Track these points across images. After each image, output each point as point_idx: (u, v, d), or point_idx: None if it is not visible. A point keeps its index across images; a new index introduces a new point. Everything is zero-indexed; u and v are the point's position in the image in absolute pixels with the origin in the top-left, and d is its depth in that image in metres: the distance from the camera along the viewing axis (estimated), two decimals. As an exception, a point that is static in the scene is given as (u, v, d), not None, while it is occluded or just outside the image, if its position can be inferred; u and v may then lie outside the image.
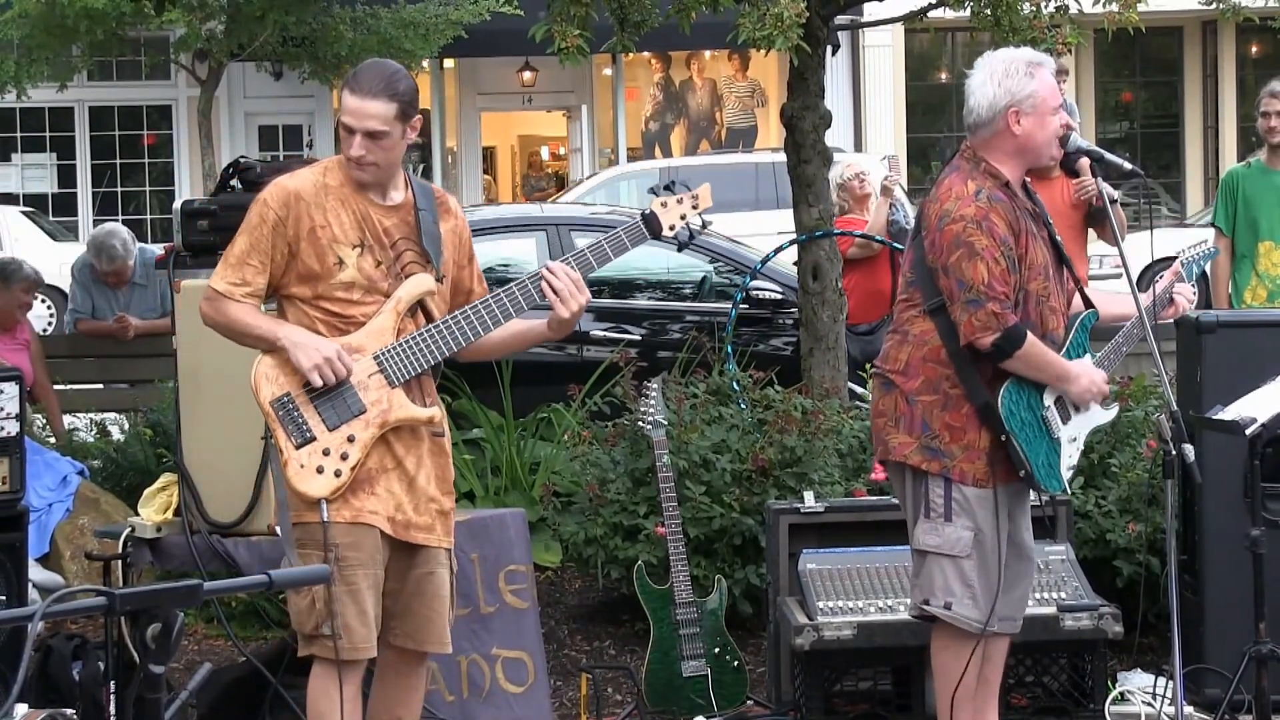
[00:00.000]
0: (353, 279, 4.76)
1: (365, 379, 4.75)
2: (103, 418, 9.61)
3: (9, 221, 20.91)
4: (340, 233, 4.76)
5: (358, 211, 4.78)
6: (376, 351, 4.76)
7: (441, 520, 4.87)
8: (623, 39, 8.53)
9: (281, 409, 4.76)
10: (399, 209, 4.82)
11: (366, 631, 4.78)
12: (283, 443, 4.76)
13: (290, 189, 4.79)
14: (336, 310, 4.78)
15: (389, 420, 4.76)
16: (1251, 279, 8.12)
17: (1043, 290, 5.07)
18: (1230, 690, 5.63)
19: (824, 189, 8.55)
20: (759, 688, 6.63)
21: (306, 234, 4.76)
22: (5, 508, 5.89)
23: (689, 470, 7.04)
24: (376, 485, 4.78)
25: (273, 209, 4.77)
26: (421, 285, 4.80)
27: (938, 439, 5.05)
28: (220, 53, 17.04)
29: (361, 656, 4.81)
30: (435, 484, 4.85)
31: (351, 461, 4.74)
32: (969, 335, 4.97)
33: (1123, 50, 24.34)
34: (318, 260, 4.75)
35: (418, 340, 4.77)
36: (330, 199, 4.78)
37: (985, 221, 4.97)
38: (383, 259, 4.78)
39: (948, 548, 5.07)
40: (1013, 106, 5.04)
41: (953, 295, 4.99)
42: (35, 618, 2.78)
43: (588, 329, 9.89)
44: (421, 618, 4.85)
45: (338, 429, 4.75)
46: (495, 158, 27.43)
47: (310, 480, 4.74)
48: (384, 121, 4.71)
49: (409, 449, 4.80)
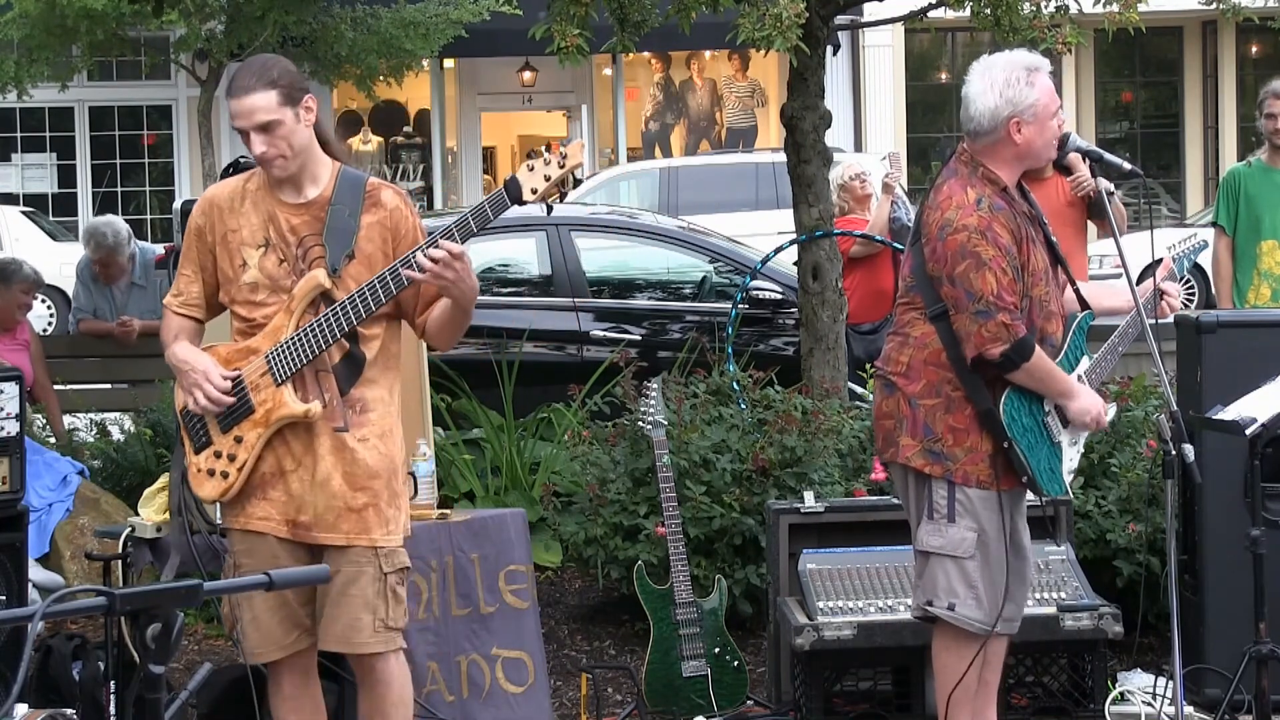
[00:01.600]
0: (255, 279, 4.79)
1: (257, 379, 4.77)
2: (103, 418, 9.61)
3: (9, 221, 20.91)
4: (249, 235, 4.81)
5: (266, 212, 4.81)
6: (267, 351, 4.78)
7: (351, 517, 4.77)
8: (623, 39, 8.53)
9: (187, 417, 4.88)
10: (310, 205, 4.81)
11: (260, 637, 4.82)
12: (187, 449, 4.89)
13: (208, 197, 4.91)
14: (245, 314, 4.83)
15: (272, 419, 4.75)
16: (1254, 278, 8.11)
17: (1044, 295, 5.07)
18: (1230, 690, 5.63)
19: (824, 189, 8.55)
20: (759, 688, 6.63)
21: (221, 239, 4.84)
22: (5, 508, 5.89)
23: (689, 470, 7.04)
24: (271, 489, 4.79)
25: (195, 218, 4.89)
26: (311, 281, 4.76)
27: (940, 442, 5.04)
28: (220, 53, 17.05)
29: (261, 660, 4.85)
30: (340, 481, 4.76)
31: (238, 462, 4.77)
32: (979, 346, 4.95)
33: (1123, 50, 24.35)
34: (229, 264, 4.83)
35: (300, 337, 4.75)
36: (245, 203, 4.84)
37: (989, 231, 4.95)
38: (286, 256, 4.79)
39: (951, 549, 5.07)
40: (1014, 117, 5.02)
41: (960, 305, 4.97)
42: (35, 618, 2.78)
43: (588, 329, 9.89)
44: (329, 617, 4.81)
45: (229, 431, 4.80)
46: (495, 158, 27.42)
47: (203, 484, 4.85)
48: (269, 111, 4.70)
49: (307, 448, 4.77)
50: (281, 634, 4.84)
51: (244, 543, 4.83)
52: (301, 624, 4.86)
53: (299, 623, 4.86)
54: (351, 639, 4.80)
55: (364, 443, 4.80)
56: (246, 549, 4.81)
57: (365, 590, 4.78)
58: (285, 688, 4.91)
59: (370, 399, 4.83)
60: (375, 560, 4.80)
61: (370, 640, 4.81)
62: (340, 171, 4.86)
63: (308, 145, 4.79)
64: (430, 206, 23.25)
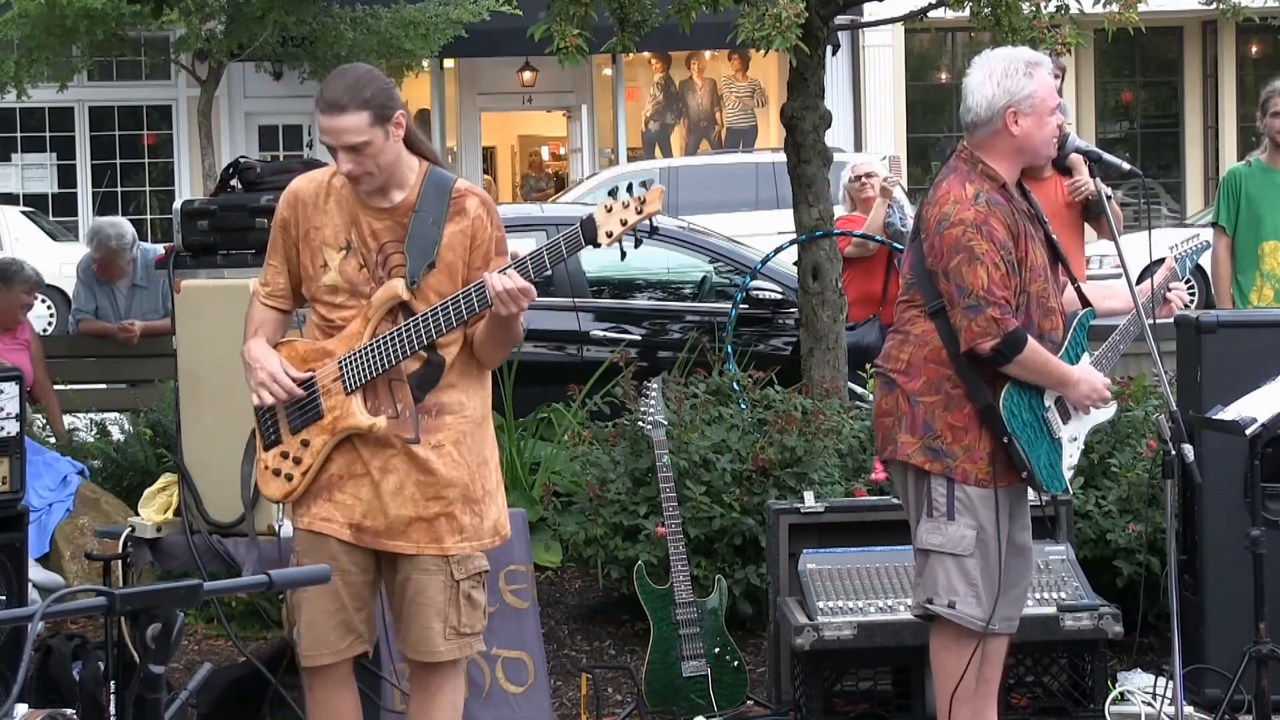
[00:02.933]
0: (334, 282, 4.73)
1: (329, 384, 4.73)
2: (103, 418, 9.60)
3: (9, 221, 20.91)
4: (331, 235, 4.73)
5: (350, 213, 4.73)
6: (341, 357, 4.73)
7: (422, 527, 4.73)
8: (623, 39, 8.53)
9: (260, 411, 4.83)
10: (393, 211, 4.72)
11: (312, 640, 4.77)
12: (258, 444, 4.87)
13: (293, 190, 4.81)
14: (324, 314, 4.77)
15: (338, 428, 4.71)
16: (1256, 279, 8.11)
17: (1042, 292, 5.08)
18: (1230, 690, 5.62)
19: (824, 189, 8.55)
20: (759, 688, 6.63)
21: (304, 235, 4.76)
22: (5, 508, 5.89)
23: (689, 470, 7.04)
24: (339, 491, 4.74)
25: (280, 210, 4.82)
26: (389, 291, 4.69)
27: (940, 439, 5.05)
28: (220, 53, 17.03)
29: (311, 663, 4.81)
30: (412, 489, 4.71)
31: (303, 466, 4.74)
32: (969, 340, 4.96)
33: (1123, 50, 24.36)
34: (310, 262, 4.76)
35: (376, 345, 4.69)
36: (330, 201, 4.75)
37: (985, 226, 4.97)
38: (367, 262, 4.72)
39: (951, 546, 5.07)
40: (1011, 106, 5.04)
41: (953, 300, 4.99)
42: (35, 618, 2.78)
43: (588, 329, 9.90)
44: (404, 625, 4.81)
45: (298, 433, 4.77)
46: (495, 158, 27.43)
47: (268, 482, 4.83)
48: (359, 133, 4.59)
49: (375, 455, 4.72)
50: (336, 639, 4.79)
51: (305, 542, 4.77)
52: (355, 630, 4.81)
53: (353, 628, 4.81)
54: (422, 647, 4.78)
55: (438, 450, 4.72)
56: (306, 549, 4.76)
57: (435, 598, 4.75)
58: (318, 692, 4.84)
59: (447, 403, 4.74)
60: (446, 567, 4.75)
61: (443, 648, 4.77)
62: (427, 174, 4.74)
63: (395, 159, 4.68)
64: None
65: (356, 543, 4.74)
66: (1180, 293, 5.46)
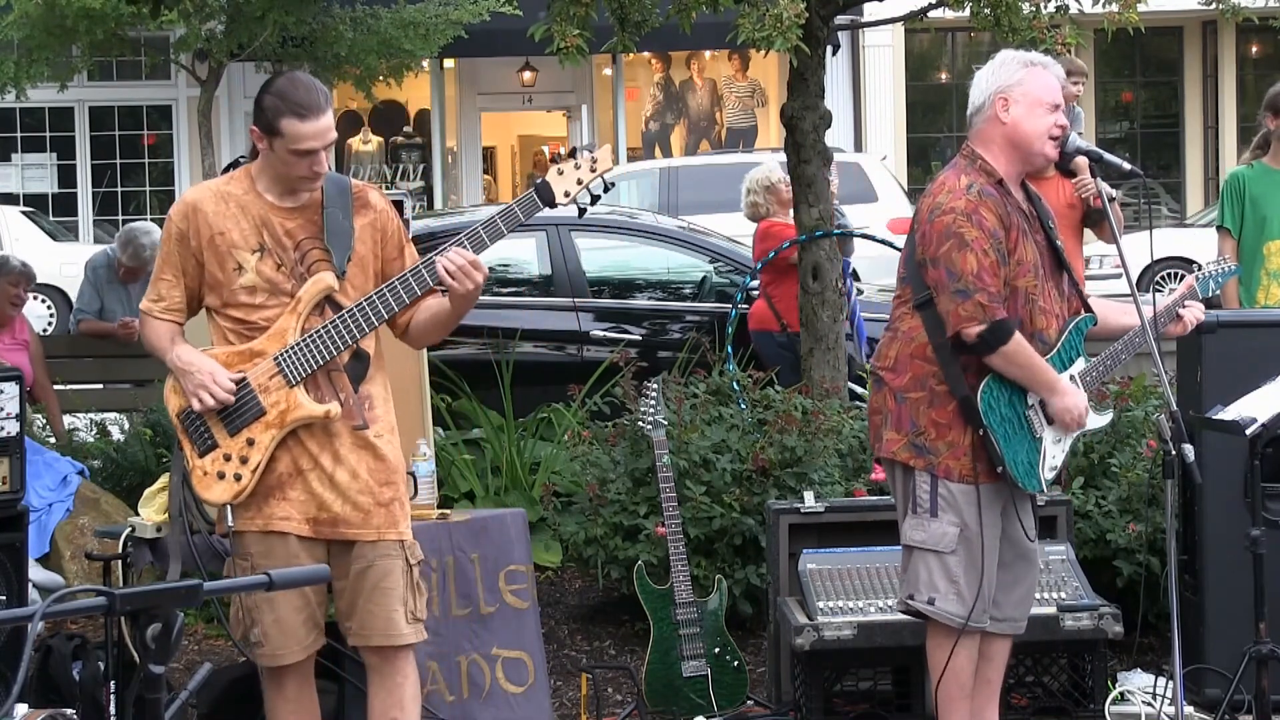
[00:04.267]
0: (253, 283, 4.79)
1: (266, 381, 4.77)
2: (103, 418, 9.60)
3: (9, 221, 20.91)
4: (239, 238, 4.79)
5: (257, 216, 4.81)
6: (275, 353, 4.78)
7: (380, 512, 4.82)
8: (623, 39, 8.53)
9: (186, 420, 4.85)
10: (303, 209, 4.83)
11: (283, 638, 4.81)
12: (188, 452, 4.85)
13: (189, 201, 4.87)
14: (241, 316, 4.82)
15: (287, 420, 4.76)
16: (1262, 279, 8.09)
17: (1032, 288, 5.08)
18: (1230, 690, 5.62)
19: (824, 189, 8.55)
20: (759, 688, 6.63)
21: (207, 242, 4.81)
22: (5, 508, 5.89)
23: (689, 470, 7.04)
24: (290, 489, 4.79)
25: (175, 222, 4.85)
26: (320, 284, 4.79)
27: (924, 435, 5.07)
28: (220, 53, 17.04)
29: (280, 663, 4.84)
30: (366, 475, 4.80)
31: (251, 464, 4.76)
32: (955, 324, 4.98)
33: (1123, 50, 24.33)
34: (219, 267, 4.80)
35: (315, 337, 4.77)
36: (231, 206, 4.82)
37: (975, 214, 5.00)
38: (284, 261, 4.80)
39: (933, 543, 5.09)
40: (1000, 93, 5.10)
41: (941, 285, 5.01)
42: (35, 618, 2.78)
43: (588, 329, 9.90)
44: (365, 612, 4.83)
45: (238, 434, 4.78)
46: (495, 158, 27.41)
47: (212, 486, 4.81)
48: (332, 130, 4.79)
49: (324, 446, 4.79)
50: (304, 634, 4.85)
51: (262, 544, 4.80)
52: (319, 624, 4.89)
53: (317, 623, 4.88)
54: (390, 632, 4.84)
55: (380, 438, 4.85)
56: (265, 550, 4.79)
57: (398, 583, 4.83)
58: (289, 689, 4.90)
59: (375, 394, 4.87)
60: (403, 553, 4.86)
61: (406, 632, 4.86)
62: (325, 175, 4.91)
63: None
64: (430, 206, 23.24)
65: (316, 536, 4.80)
66: (1196, 311, 5.45)
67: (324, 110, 4.74)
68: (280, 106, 4.70)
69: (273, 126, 4.72)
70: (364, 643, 4.88)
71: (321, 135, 4.73)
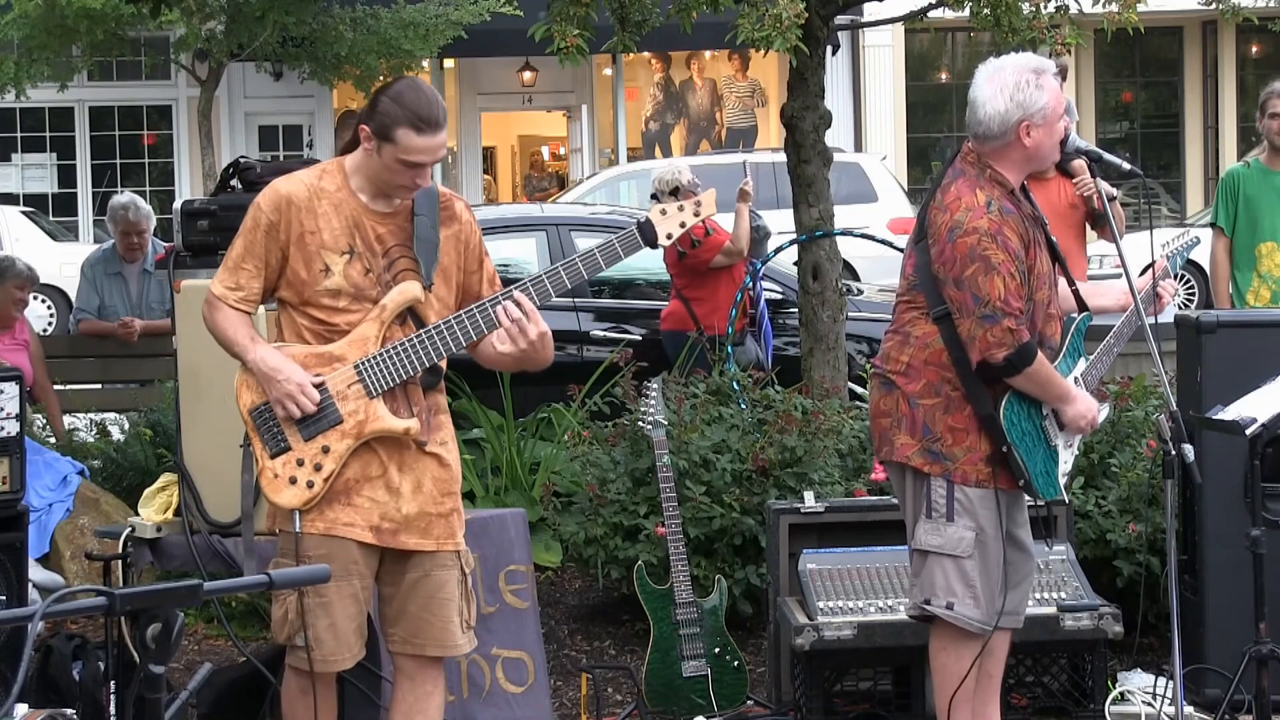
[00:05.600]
0: (338, 286, 4.69)
1: (344, 389, 4.70)
2: (103, 418, 9.60)
3: (9, 221, 20.90)
4: (330, 239, 4.69)
5: (350, 217, 4.71)
6: (357, 361, 4.70)
7: (440, 523, 4.79)
8: (623, 39, 8.54)
9: (259, 417, 4.75)
10: (395, 215, 4.74)
11: (336, 644, 4.77)
12: (259, 451, 4.75)
13: (283, 193, 4.73)
14: (321, 317, 4.73)
15: (365, 431, 4.70)
16: (1254, 280, 8.11)
17: (1045, 299, 5.08)
18: (1230, 690, 5.62)
19: (824, 189, 8.55)
20: (759, 688, 6.63)
21: (296, 239, 4.70)
22: (5, 508, 5.89)
23: (689, 470, 7.04)
24: (356, 495, 4.73)
25: (265, 213, 4.72)
26: (406, 294, 4.70)
27: (939, 441, 5.05)
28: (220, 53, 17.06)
29: (333, 669, 4.81)
30: (430, 486, 4.77)
31: (325, 473, 4.70)
32: (983, 351, 4.94)
33: (1123, 50, 24.35)
34: (305, 266, 4.70)
35: (398, 350, 4.69)
36: (324, 204, 4.71)
37: (1000, 235, 4.94)
38: (372, 266, 4.71)
39: (950, 548, 5.07)
40: (1025, 121, 5.01)
41: (965, 309, 4.96)
42: (35, 618, 2.78)
43: (588, 329, 9.90)
44: (419, 621, 4.81)
45: (313, 440, 4.70)
46: (495, 158, 27.43)
47: (283, 490, 4.72)
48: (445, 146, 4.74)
49: (392, 456, 4.73)
50: (355, 641, 4.81)
51: (323, 547, 4.70)
52: (364, 632, 4.85)
53: (363, 631, 4.84)
54: (447, 641, 4.82)
55: (444, 446, 4.81)
56: (325, 554, 4.68)
57: (454, 594, 4.81)
58: (321, 693, 4.83)
59: (440, 403, 4.84)
60: (459, 562, 4.83)
61: (462, 641, 4.85)
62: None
63: None
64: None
65: (377, 543, 4.75)
66: (1169, 285, 5.46)
67: (443, 126, 4.65)
68: (400, 114, 4.60)
69: (387, 132, 4.60)
70: (415, 651, 4.84)
71: (435, 151, 4.63)
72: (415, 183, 4.68)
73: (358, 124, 4.72)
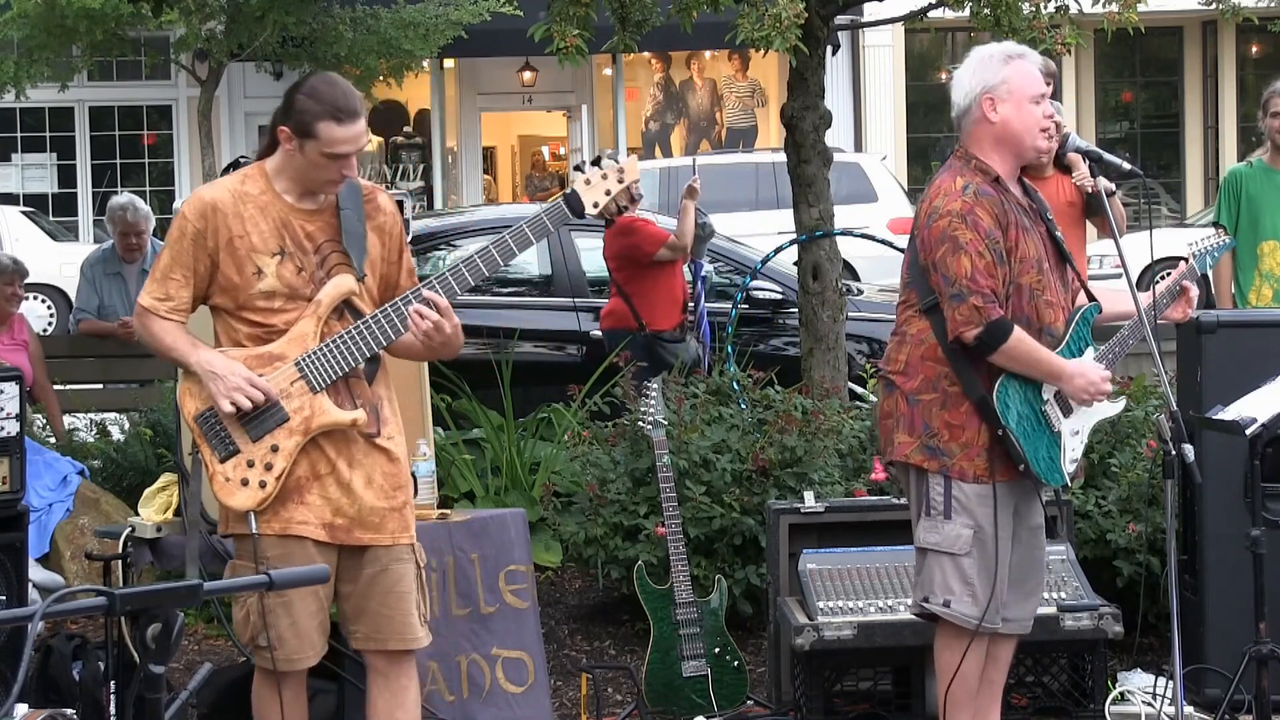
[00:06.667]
0: (272, 287, 4.72)
1: (288, 386, 4.71)
2: (103, 418, 9.60)
3: (9, 221, 20.90)
4: (259, 241, 4.72)
5: (278, 219, 4.73)
6: (298, 358, 4.72)
7: (394, 517, 4.80)
8: (623, 39, 8.54)
9: (205, 423, 4.75)
10: (321, 211, 4.77)
11: (299, 643, 4.78)
12: (208, 457, 4.76)
13: (207, 200, 4.75)
14: (259, 319, 4.74)
15: (312, 427, 4.71)
16: (1255, 279, 8.11)
17: (1036, 284, 5.07)
18: (1230, 690, 5.63)
19: (824, 189, 8.56)
20: (759, 688, 6.63)
21: (225, 245, 4.72)
22: (5, 508, 5.88)
23: (689, 470, 7.04)
24: (308, 493, 4.74)
25: (191, 221, 4.73)
26: (340, 287, 4.74)
27: (937, 437, 5.05)
28: (220, 53, 17.03)
29: (296, 667, 4.81)
30: (380, 480, 4.78)
31: (276, 471, 4.71)
32: (954, 329, 4.98)
33: (1123, 50, 24.34)
34: (237, 271, 4.72)
35: (337, 343, 4.72)
36: (249, 207, 4.73)
37: (970, 215, 4.99)
38: (304, 265, 4.74)
39: (947, 545, 5.08)
40: (987, 92, 5.08)
41: (940, 291, 5.01)
42: (35, 618, 2.78)
43: (588, 329, 9.90)
44: (380, 617, 4.81)
45: (261, 440, 4.72)
46: (495, 158, 27.41)
47: (235, 493, 4.72)
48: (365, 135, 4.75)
49: (340, 452, 4.75)
50: (318, 638, 4.83)
51: (280, 548, 4.73)
52: (326, 629, 4.87)
53: (326, 628, 4.87)
54: (407, 635, 4.84)
55: (391, 441, 4.83)
56: (283, 554, 4.71)
57: (412, 587, 4.84)
58: (290, 693, 4.86)
59: (383, 397, 4.85)
60: (413, 555, 4.86)
61: (421, 634, 4.87)
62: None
63: None
64: (430, 206, 23.24)
65: (331, 540, 4.76)
66: (1193, 292, 5.45)
67: (361, 114, 4.68)
68: (318, 109, 4.63)
69: (308, 128, 4.63)
70: (378, 646, 4.85)
71: (356, 140, 4.67)
72: (341, 174, 4.71)
73: (274, 126, 4.74)
